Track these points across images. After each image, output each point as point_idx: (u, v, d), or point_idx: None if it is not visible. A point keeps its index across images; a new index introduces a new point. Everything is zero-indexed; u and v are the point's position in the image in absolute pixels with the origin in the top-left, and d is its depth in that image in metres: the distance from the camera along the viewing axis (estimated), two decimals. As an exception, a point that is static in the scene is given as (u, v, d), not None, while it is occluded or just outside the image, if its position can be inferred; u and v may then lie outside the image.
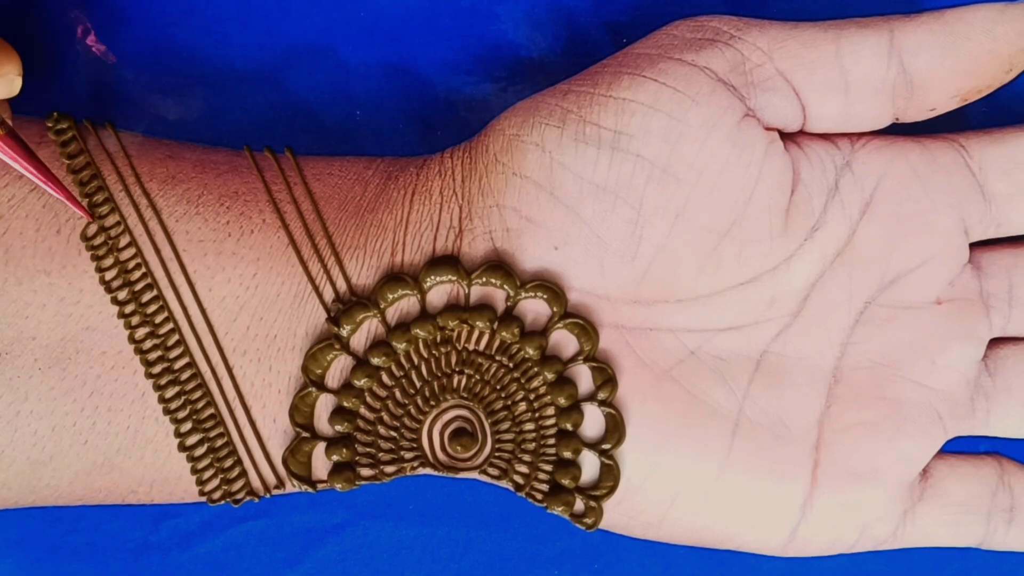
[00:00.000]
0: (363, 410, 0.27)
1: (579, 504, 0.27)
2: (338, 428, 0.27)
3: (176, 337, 0.27)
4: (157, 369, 0.27)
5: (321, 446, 0.27)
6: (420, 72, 0.31)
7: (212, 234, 0.27)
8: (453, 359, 0.27)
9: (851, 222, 0.28)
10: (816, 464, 0.27)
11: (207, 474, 0.27)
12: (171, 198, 0.27)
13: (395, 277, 0.27)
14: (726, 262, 0.27)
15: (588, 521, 0.27)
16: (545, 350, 0.27)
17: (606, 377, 0.27)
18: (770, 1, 0.30)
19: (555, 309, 0.27)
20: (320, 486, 0.27)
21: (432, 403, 0.27)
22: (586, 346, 0.27)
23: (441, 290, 0.27)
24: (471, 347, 0.27)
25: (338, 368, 0.27)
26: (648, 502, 0.27)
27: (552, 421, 0.27)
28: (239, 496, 0.27)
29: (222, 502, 0.27)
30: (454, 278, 0.27)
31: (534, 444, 0.27)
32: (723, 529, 0.28)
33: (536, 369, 0.27)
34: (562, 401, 0.27)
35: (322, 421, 0.27)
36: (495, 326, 0.27)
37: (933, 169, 0.28)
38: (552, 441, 0.27)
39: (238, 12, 0.31)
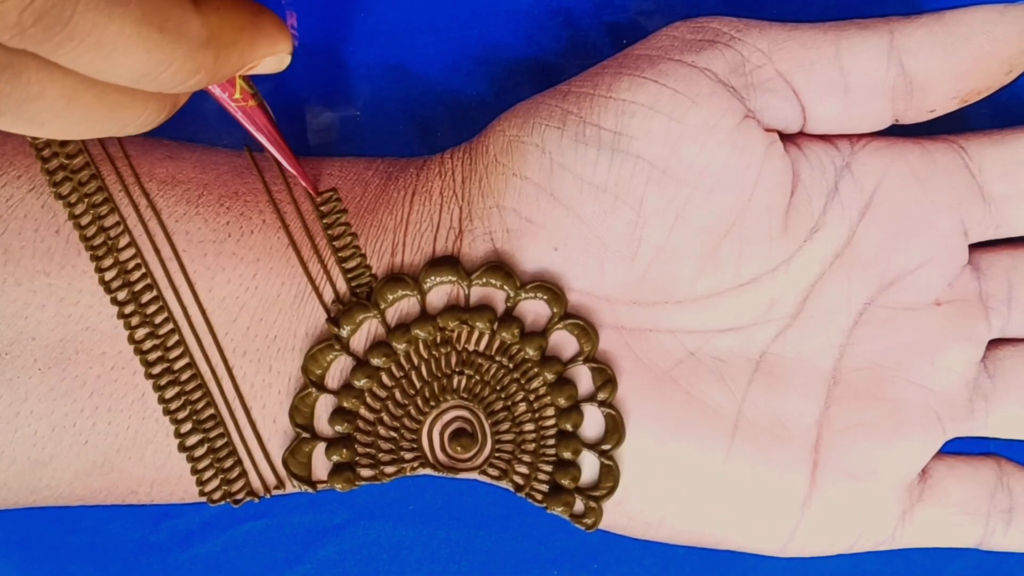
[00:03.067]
0: (363, 411, 0.27)
1: (579, 504, 0.27)
2: (338, 429, 0.27)
3: (176, 338, 0.27)
4: (157, 369, 0.27)
5: (321, 446, 0.27)
6: (420, 72, 0.31)
7: (212, 235, 0.27)
8: (453, 360, 0.27)
9: (851, 223, 0.28)
10: (815, 465, 0.28)
11: (207, 474, 0.27)
12: (171, 198, 0.27)
13: (395, 278, 0.27)
14: (725, 263, 0.27)
15: (588, 521, 0.27)
16: (545, 351, 0.27)
17: (606, 378, 0.27)
18: (770, 2, 0.30)
19: (555, 310, 0.27)
20: (320, 486, 0.27)
21: (432, 404, 0.27)
22: (586, 347, 0.27)
23: (441, 291, 0.27)
24: (471, 348, 0.27)
25: (338, 369, 0.27)
26: (647, 502, 0.27)
27: (552, 422, 0.27)
28: (239, 496, 0.27)
29: (222, 502, 0.27)
30: (454, 279, 0.27)
31: (534, 445, 0.27)
32: (722, 529, 0.28)
33: (536, 370, 0.27)
34: (562, 402, 0.27)
35: (322, 422, 0.27)
36: (495, 327, 0.27)
37: (933, 170, 0.28)
38: (552, 442, 0.27)
39: (238, 12, 0.30)
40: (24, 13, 0.18)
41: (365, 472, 0.27)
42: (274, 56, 0.23)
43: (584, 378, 0.27)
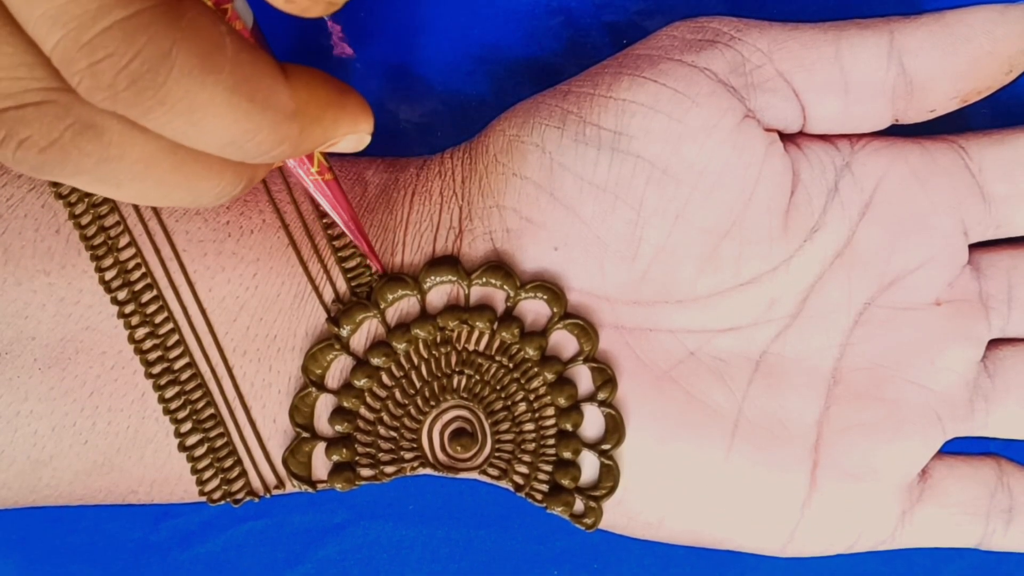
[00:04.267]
0: (363, 410, 0.27)
1: (579, 504, 0.27)
2: (338, 428, 0.27)
3: (176, 337, 0.27)
4: (157, 369, 0.27)
5: (321, 446, 0.27)
6: (420, 72, 0.31)
7: (212, 234, 0.27)
8: (453, 359, 0.27)
9: (851, 223, 0.28)
10: (815, 464, 0.28)
11: (207, 474, 0.27)
12: (171, 198, 0.27)
13: (395, 277, 0.27)
14: (726, 263, 0.27)
15: (588, 521, 0.27)
16: (545, 350, 0.27)
17: (606, 377, 0.27)
18: (770, 2, 0.30)
19: (555, 310, 0.27)
20: (320, 486, 0.27)
21: (432, 403, 0.27)
22: (586, 347, 0.27)
23: (441, 290, 0.27)
24: (471, 347, 0.27)
25: (338, 368, 0.27)
26: (647, 502, 0.27)
27: (552, 421, 0.27)
28: (239, 496, 0.27)
29: (222, 502, 0.27)
30: (454, 278, 0.27)
31: (534, 444, 0.27)
32: (722, 529, 0.28)
33: (536, 369, 0.27)
34: (562, 401, 0.27)
35: (322, 421, 0.27)
36: (495, 326, 0.27)
37: (933, 170, 0.28)
38: (552, 441, 0.27)
39: (238, 12, 0.31)
40: (119, 75, 0.18)
41: (365, 472, 0.27)
42: (355, 135, 0.23)
43: (584, 378, 0.27)
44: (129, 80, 0.18)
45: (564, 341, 0.27)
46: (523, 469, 0.27)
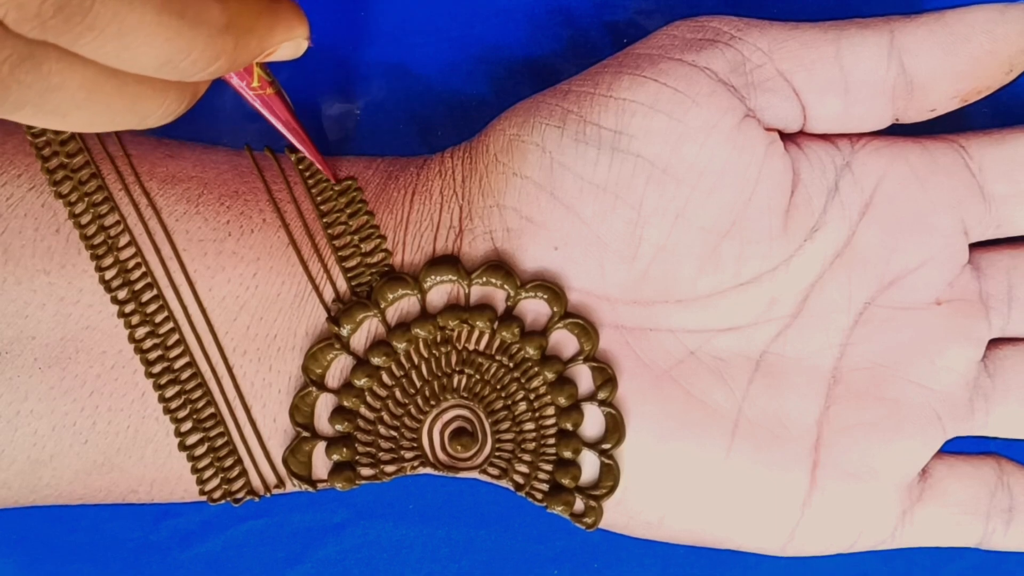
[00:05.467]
0: (363, 410, 0.27)
1: (579, 504, 0.27)
2: (338, 428, 0.27)
3: (176, 337, 0.27)
4: (157, 369, 0.27)
5: (321, 446, 0.27)
6: (420, 72, 0.31)
7: (212, 234, 0.27)
8: (453, 359, 0.27)
9: (851, 223, 0.28)
10: (815, 464, 0.28)
11: (207, 473, 0.27)
12: (171, 197, 0.27)
13: (395, 277, 0.27)
14: (726, 262, 0.27)
15: (588, 521, 0.27)
16: (545, 350, 0.27)
17: (606, 377, 0.27)
18: (770, 2, 0.30)
19: (555, 309, 0.27)
20: (320, 485, 0.27)
21: (432, 403, 0.27)
22: (586, 346, 0.27)
23: (441, 290, 0.27)
24: (471, 347, 0.27)
25: (338, 368, 0.27)
26: (648, 502, 0.27)
27: (552, 421, 0.27)
28: (239, 495, 0.27)
29: (222, 501, 0.27)
30: (454, 278, 0.27)
31: (534, 444, 0.27)
32: (722, 529, 0.28)
33: (536, 369, 0.27)
34: (562, 401, 0.27)
35: (322, 421, 0.27)
36: (495, 326, 0.27)
37: (933, 170, 0.28)
38: (552, 441, 0.27)
39: (238, 12, 0.31)
40: (44, 3, 0.18)
41: (365, 471, 0.27)
42: (291, 42, 0.23)
43: (584, 377, 0.27)
44: (56, 7, 0.18)
45: (564, 340, 0.27)
46: (523, 468, 0.27)
